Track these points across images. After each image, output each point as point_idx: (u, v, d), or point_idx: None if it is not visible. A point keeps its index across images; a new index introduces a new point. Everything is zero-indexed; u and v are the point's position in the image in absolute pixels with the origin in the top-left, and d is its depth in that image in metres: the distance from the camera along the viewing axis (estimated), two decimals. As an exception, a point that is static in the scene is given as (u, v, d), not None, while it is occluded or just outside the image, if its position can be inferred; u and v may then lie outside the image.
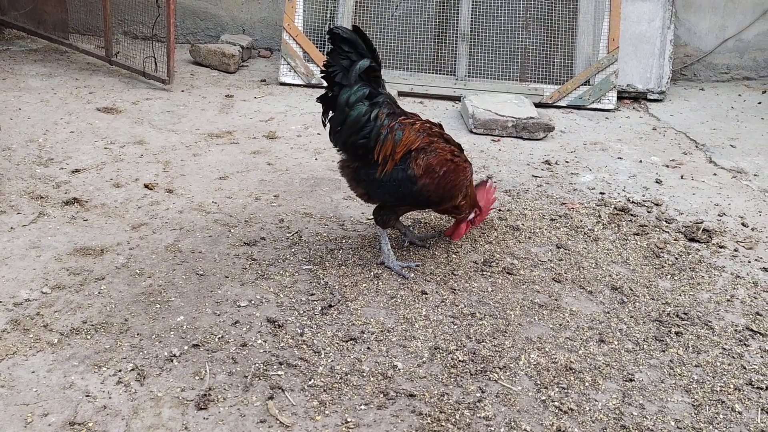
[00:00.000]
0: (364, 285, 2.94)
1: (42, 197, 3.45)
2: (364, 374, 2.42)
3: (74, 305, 2.67)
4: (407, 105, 5.23)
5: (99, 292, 2.76)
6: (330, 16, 5.84)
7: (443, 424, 2.23)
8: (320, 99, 2.90)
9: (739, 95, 6.16)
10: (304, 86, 5.54)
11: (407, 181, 2.89)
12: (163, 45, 5.14)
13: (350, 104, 2.80)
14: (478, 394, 2.37)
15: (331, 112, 2.88)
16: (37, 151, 3.95)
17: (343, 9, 5.67)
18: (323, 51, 5.63)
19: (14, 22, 5.86)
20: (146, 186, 3.66)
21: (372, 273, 3.02)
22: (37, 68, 5.34)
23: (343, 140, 2.87)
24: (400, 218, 3.27)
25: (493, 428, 2.24)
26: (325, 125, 2.92)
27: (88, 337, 2.50)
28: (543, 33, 5.73)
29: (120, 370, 2.35)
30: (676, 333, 2.79)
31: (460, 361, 2.52)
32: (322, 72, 2.86)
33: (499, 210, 3.69)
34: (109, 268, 2.92)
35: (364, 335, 2.62)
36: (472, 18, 5.65)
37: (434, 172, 2.90)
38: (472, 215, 3.20)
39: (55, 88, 4.97)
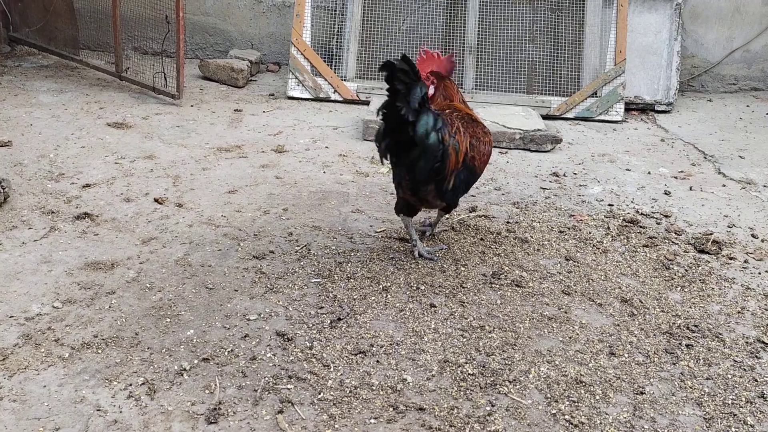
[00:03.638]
0: (372, 298, 2.94)
1: (53, 212, 3.48)
2: (374, 388, 2.42)
3: (85, 319, 2.69)
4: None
5: (110, 306, 2.77)
6: (338, 31, 5.89)
7: (453, 437, 2.22)
8: (390, 145, 2.86)
9: (747, 106, 6.15)
10: (312, 100, 5.57)
11: (471, 175, 3.16)
12: (173, 60, 5.19)
13: (428, 135, 2.82)
14: (488, 408, 2.36)
15: (392, 155, 2.90)
16: (49, 166, 3.99)
17: (350, 24, 5.71)
18: (331, 65, 5.67)
19: (26, 38, 5.94)
20: (156, 200, 3.68)
21: (381, 286, 3.02)
22: (48, 84, 5.40)
23: (427, 173, 2.89)
24: (415, 228, 3.44)
25: (503, 442, 2.23)
26: (387, 165, 3.06)
27: (99, 351, 2.52)
28: (550, 45, 5.76)
29: (131, 384, 2.36)
30: (687, 345, 2.78)
31: (469, 374, 2.52)
32: (382, 115, 2.81)
33: (508, 222, 3.69)
34: (119, 282, 2.94)
35: (373, 348, 2.62)
36: (478, 31, 5.68)
37: (484, 154, 3.19)
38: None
39: (66, 103, 5.02)
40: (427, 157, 2.85)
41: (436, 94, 3.25)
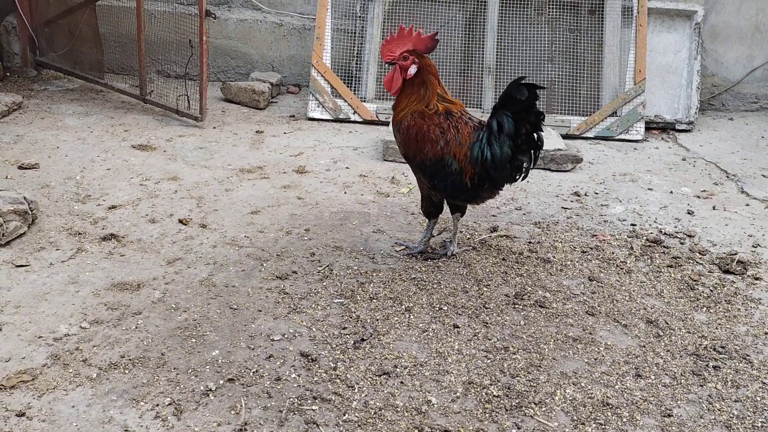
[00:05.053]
0: (395, 318, 2.94)
1: (80, 233, 3.53)
2: (398, 409, 2.42)
3: (112, 340, 2.72)
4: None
5: (136, 327, 2.80)
6: (357, 53, 5.96)
7: (479, 460, 2.21)
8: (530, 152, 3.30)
9: (769, 124, 6.11)
10: (332, 121, 5.62)
11: None
12: (196, 83, 5.27)
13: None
14: (513, 431, 2.35)
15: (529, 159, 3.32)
16: (75, 188, 4.05)
17: (369, 46, 5.77)
18: (351, 87, 5.73)
19: (52, 63, 6.07)
20: (181, 221, 3.73)
21: (403, 306, 3.03)
22: (74, 107, 5.50)
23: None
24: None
25: (529, 465, 2.21)
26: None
27: (126, 371, 2.54)
28: (569, 65, 5.77)
29: (157, 405, 2.38)
30: (714, 367, 2.75)
31: (494, 396, 2.51)
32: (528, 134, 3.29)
33: (530, 242, 3.68)
34: (145, 303, 2.97)
35: (397, 369, 2.62)
36: (497, 52, 5.71)
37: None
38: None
39: (92, 126, 5.11)
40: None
41: (417, 79, 3.25)
